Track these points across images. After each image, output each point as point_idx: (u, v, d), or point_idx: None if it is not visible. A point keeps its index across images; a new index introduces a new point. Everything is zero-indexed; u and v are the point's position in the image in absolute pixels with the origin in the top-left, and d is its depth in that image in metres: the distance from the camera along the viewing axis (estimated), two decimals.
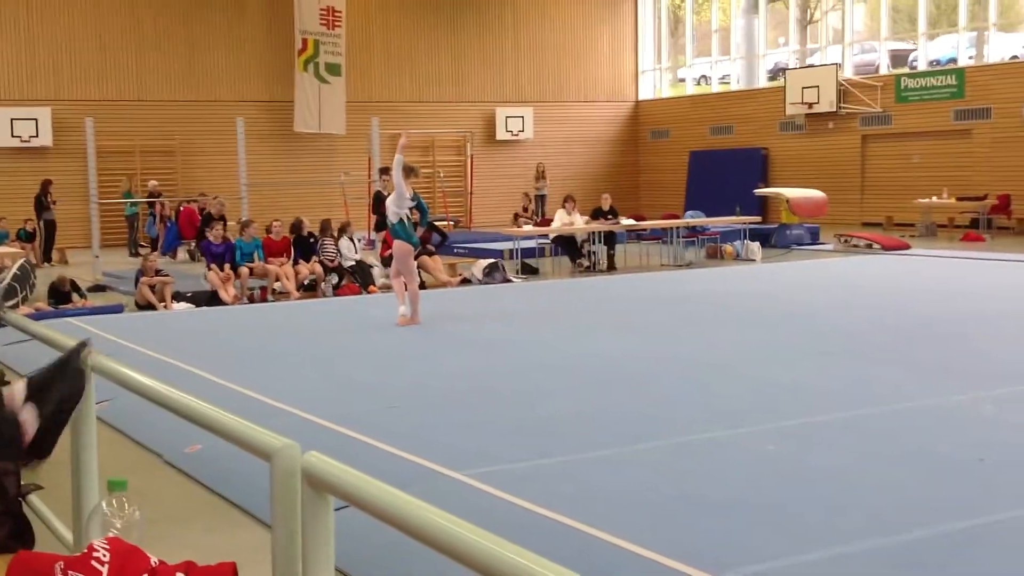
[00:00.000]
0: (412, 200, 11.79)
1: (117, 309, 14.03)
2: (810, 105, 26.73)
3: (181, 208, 22.67)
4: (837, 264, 18.22)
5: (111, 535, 2.09)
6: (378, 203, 17.67)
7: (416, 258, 12.92)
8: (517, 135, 29.99)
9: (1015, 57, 24.68)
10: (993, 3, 24.30)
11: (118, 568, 1.95)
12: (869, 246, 20.14)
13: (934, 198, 23.32)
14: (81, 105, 24.95)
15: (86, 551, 1.98)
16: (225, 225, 17.28)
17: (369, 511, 1.99)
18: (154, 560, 2.03)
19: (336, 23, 27.34)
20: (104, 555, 1.96)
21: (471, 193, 29.19)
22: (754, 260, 18.95)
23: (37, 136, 24.77)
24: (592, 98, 31.51)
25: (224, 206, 20.30)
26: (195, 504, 5.90)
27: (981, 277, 15.34)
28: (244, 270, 14.95)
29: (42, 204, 21.82)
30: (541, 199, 27.49)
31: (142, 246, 22.94)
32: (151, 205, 23.38)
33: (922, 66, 25.90)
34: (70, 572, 1.94)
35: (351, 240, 16.30)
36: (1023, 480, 5.63)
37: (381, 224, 17.32)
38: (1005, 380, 8.12)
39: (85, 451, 3.55)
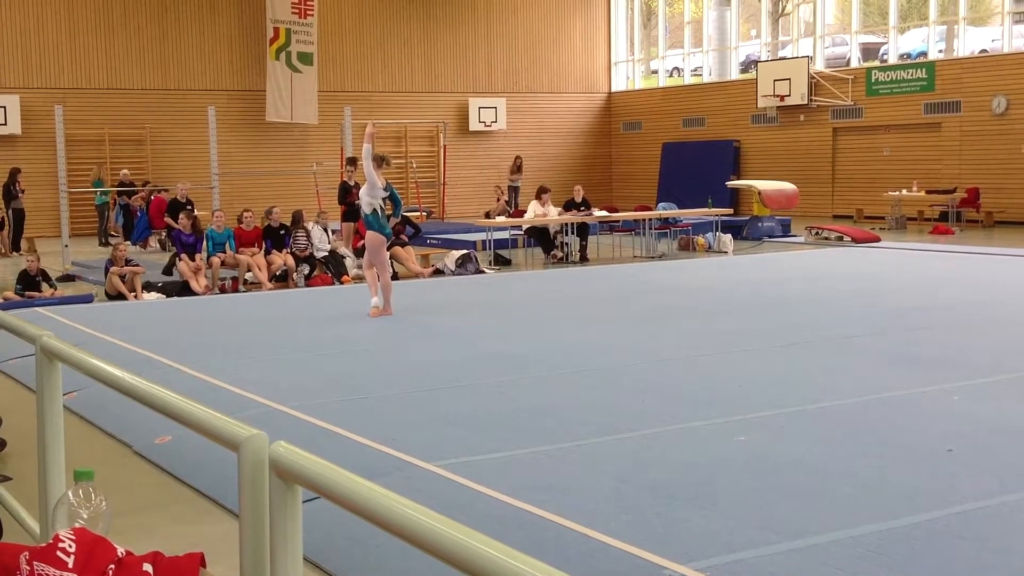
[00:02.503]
0: (385, 190, 11.74)
1: (87, 299, 13.93)
2: (782, 98, 26.84)
3: (152, 198, 22.52)
4: (808, 256, 18.31)
5: (77, 526, 2.07)
6: (344, 194, 17.59)
7: (389, 249, 12.88)
8: (490, 126, 29.96)
9: (985, 51, 24.85)
10: None
11: (84, 559, 1.93)
12: (840, 239, 20.26)
13: (904, 191, 23.48)
14: (50, 92, 24.76)
15: (52, 541, 1.97)
16: (193, 211, 17.22)
17: (338, 502, 1.98)
18: (121, 551, 2.02)
19: (308, 12, 27.21)
20: (70, 546, 1.94)
21: (444, 184, 29.15)
22: (726, 252, 19.02)
23: (5, 124, 24.54)
24: (565, 89, 31.52)
25: (188, 188, 20.20)
26: (165, 495, 5.87)
27: (950, 270, 15.46)
28: (215, 260, 14.88)
29: (10, 192, 21.62)
30: (515, 190, 27.47)
31: (112, 235, 22.76)
32: (120, 194, 23.22)
33: (893, 59, 26.05)
34: (35, 563, 1.92)
35: (325, 230, 16.24)
36: (991, 471, 5.67)
37: (348, 215, 17.32)
38: (973, 371, 8.18)
39: (52, 441, 3.52)
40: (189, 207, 19.13)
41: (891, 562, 4.43)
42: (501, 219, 20.10)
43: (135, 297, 13.97)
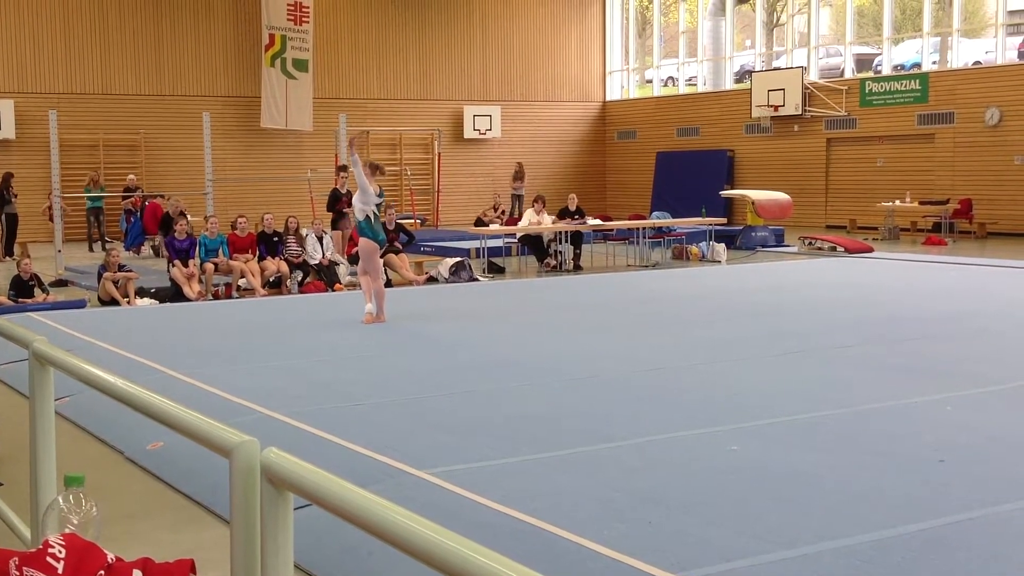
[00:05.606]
0: (379, 197, 11.75)
1: (79, 304, 13.89)
2: (776, 108, 26.90)
3: (146, 204, 22.50)
4: (801, 266, 18.34)
5: (68, 531, 2.07)
6: (334, 201, 17.75)
7: (383, 256, 12.86)
8: (484, 134, 29.98)
9: (978, 63, 24.93)
10: (957, 9, 24.54)
11: (74, 565, 1.93)
12: (833, 249, 20.29)
13: (897, 202, 23.53)
14: (45, 97, 24.74)
15: (41, 547, 1.96)
16: (186, 220, 17.19)
17: (329, 509, 1.98)
18: (111, 557, 2.01)
19: (304, 19, 27.23)
20: (60, 551, 1.94)
21: (438, 191, 29.17)
22: (719, 261, 19.04)
23: (0, 129, 24.50)
24: (560, 98, 31.55)
25: (180, 204, 20.09)
26: (156, 501, 5.86)
27: (943, 280, 15.48)
28: (209, 266, 14.86)
29: (3, 198, 21.57)
30: (518, 199, 27.26)
31: (108, 241, 22.69)
32: (125, 199, 23.27)
33: (886, 70, 26.12)
34: (25, 568, 1.92)
35: (320, 240, 16.20)
36: (983, 481, 5.68)
37: (336, 222, 17.46)
38: (966, 382, 8.19)
39: (43, 447, 3.51)
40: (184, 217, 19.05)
41: (884, 572, 4.43)
42: (495, 227, 20.11)
43: (128, 303, 13.94)
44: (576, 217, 18.57)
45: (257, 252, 15.58)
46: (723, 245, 19.65)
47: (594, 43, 32.04)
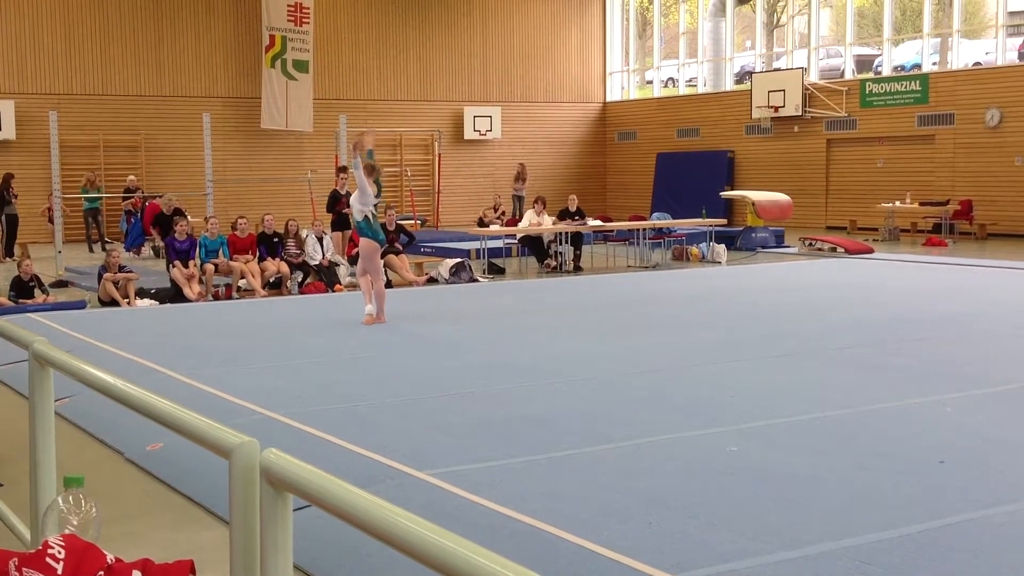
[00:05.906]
0: (377, 197, 11.75)
1: (79, 305, 13.89)
2: (776, 108, 26.90)
3: (146, 204, 22.50)
4: (801, 267, 18.33)
5: (67, 532, 2.07)
6: (333, 202, 17.80)
7: (383, 257, 12.85)
8: (485, 135, 29.98)
9: (978, 63, 24.93)
10: (957, 10, 24.54)
11: (74, 566, 1.93)
12: (833, 250, 20.30)
13: (897, 203, 23.54)
14: (45, 98, 24.73)
15: (41, 548, 1.96)
16: (187, 220, 17.18)
17: (329, 510, 1.98)
18: (110, 557, 2.01)
19: (304, 19, 27.23)
20: (59, 552, 1.94)
21: (438, 192, 29.17)
22: (720, 262, 19.05)
23: (0, 129, 24.50)
24: (560, 99, 31.56)
25: (173, 201, 20.08)
26: (155, 502, 5.86)
27: (943, 281, 15.48)
28: (209, 267, 14.85)
29: (3, 198, 21.57)
30: (519, 200, 27.16)
31: (107, 242, 22.70)
32: (125, 200, 23.28)
33: (887, 71, 26.12)
34: (25, 569, 1.91)
35: (320, 241, 16.20)
36: (982, 482, 5.68)
37: (337, 224, 17.46)
38: (966, 383, 8.19)
39: (43, 448, 3.51)
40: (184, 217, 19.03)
41: (883, 572, 4.43)
42: (495, 228, 20.12)
43: (128, 304, 13.94)
44: (576, 218, 18.57)
45: (257, 253, 15.57)
46: (723, 246, 19.66)
47: (594, 44, 32.05)
